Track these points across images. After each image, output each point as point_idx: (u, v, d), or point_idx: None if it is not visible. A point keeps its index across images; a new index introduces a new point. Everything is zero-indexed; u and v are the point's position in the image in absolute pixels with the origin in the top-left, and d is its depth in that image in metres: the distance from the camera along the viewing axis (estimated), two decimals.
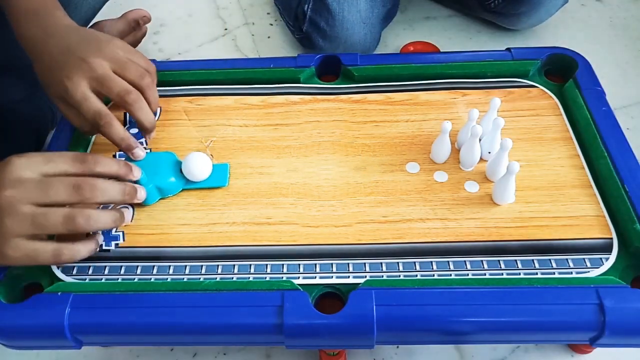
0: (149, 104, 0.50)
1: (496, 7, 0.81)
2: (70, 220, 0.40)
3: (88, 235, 0.45)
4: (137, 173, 0.46)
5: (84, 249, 0.43)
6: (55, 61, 0.47)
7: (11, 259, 0.40)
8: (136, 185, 0.46)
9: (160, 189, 0.48)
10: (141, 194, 0.46)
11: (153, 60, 0.60)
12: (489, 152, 0.49)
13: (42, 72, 0.49)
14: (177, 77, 0.59)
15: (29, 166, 0.40)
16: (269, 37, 0.89)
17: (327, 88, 0.58)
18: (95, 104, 0.47)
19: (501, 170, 0.47)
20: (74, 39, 0.48)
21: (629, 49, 0.84)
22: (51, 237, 0.44)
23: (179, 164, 0.50)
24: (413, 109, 0.55)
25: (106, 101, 0.53)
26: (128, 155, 0.49)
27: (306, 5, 0.76)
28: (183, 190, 0.50)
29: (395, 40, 0.87)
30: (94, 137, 0.55)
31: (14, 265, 0.42)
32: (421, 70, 0.58)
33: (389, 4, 0.79)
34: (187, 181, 0.49)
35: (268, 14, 0.92)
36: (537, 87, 0.57)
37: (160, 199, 0.49)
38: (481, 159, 0.50)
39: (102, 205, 0.48)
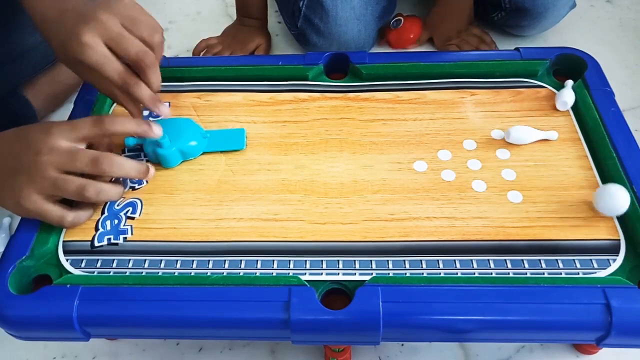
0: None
1: (499, 20, 0.82)
2: (83, 189, 0.45)
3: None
4: (157, 130, 0.48)
5: (84, 215, 0.48)
6: (68, 30, 0.46)
7: (26, 211, 0.45)
8: (149, 165, 0.49)
9: (183, 152, 0.51)
10: (151, 172, 0.49)
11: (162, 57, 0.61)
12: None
13: (58, 45, 0.47)
14: (186, 73, 0.60)
15: (61, 135, 0.45)
16: (277, 35, 0.89)
17: (335, 86, 0.58)
18: (119, 64, 0.46)
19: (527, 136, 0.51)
20: (85, 7, 0.47)
21: (639, 50, 0.84)
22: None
23: (198, 129, 0.53)
24: (421, 108, 0.55)
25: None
26: (155, 112, 0.49)
27: (301, 2, 0.76)
28: (203, 153, 0.52)
29: None
30: (113, 106, 0.56)
31: (25, 217, 0.47)
32: (429, 69, 0.58)
33: (384, 2, 0.79)
34: (207, 145, 0.53)
35: (276, 11, 0.93)
36: (545, 87, 0.56)
37: (182, 162, 0.52)
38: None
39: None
